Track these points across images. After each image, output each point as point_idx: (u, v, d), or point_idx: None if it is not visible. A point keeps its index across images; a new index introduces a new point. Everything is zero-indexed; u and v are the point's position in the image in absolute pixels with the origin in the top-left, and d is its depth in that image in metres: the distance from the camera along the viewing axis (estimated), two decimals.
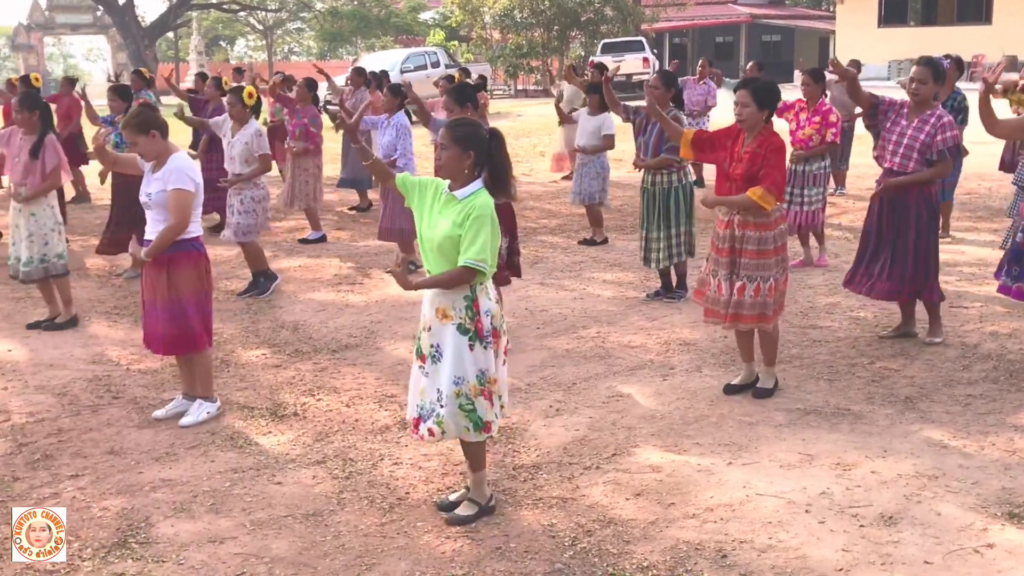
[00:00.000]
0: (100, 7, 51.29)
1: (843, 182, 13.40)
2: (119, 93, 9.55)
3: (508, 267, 6.96)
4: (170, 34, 55.24)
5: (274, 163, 15.04)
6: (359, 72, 13.47)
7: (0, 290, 9.20)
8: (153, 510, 4.67)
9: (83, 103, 11.28)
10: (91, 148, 9.14)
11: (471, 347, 4.27)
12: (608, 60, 32.48)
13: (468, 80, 14.18)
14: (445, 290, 4.26)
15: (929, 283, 6.62)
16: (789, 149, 6.93)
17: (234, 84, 16.51)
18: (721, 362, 6.56)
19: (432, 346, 4.32)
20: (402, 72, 29.35)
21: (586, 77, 13.65)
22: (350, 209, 13.47)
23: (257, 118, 8.85)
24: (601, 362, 6.68)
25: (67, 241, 8.17)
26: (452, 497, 4.62)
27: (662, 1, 41.64)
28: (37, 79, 12.33)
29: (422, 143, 15.08)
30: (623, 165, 15.25)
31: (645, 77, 29.88)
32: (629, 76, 30.97)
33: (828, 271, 8.98)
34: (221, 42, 66.73)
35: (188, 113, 10.89)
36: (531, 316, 7.93)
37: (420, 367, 4.40)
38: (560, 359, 6.79)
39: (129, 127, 5.54)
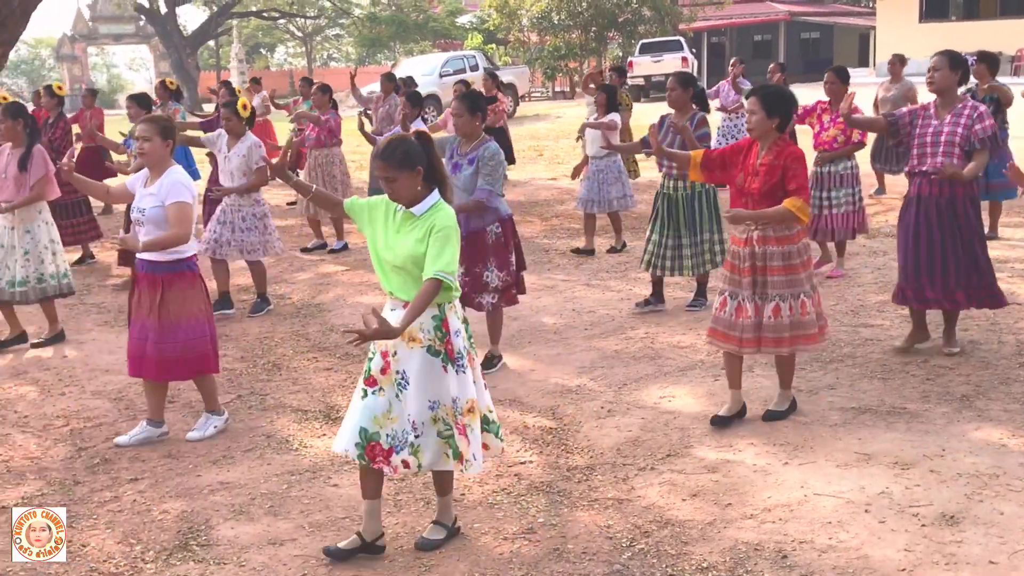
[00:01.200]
0: (143, 17, 51.99)
1: (883, 183, 12.73)
2: (138, 101, 9.49)
3: (515, 285, 6.72)
4: (211, 42, 55.82)
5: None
6: (389, 78, 13.40)
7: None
8: (212, 513, 4.72)
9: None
10: (116, 159, 9.21)
11: (444, 369, 4.01)
12: (646, 60, 32.55)
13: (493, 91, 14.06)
14: None
15: (995, 287, 6.36)
16: (812, 154, 6.67)
17: (252, 95, 16.70)
18: (773, 362, 6.50)
19: (398, 372, 4.04)
20: (441, 76, 29.46)
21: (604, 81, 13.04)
22: None
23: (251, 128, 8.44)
24: (651, 363, 6.66)
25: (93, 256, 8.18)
26: (340, 544, 4.21)
27: (700, 0, 41.43)
28: (60, 87, 12.20)
29: None
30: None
31: None
32: (667, 76, 30.79)
33: (878, 269, 8.88)
34: (261, 49, 67.32)
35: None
36: (578, 317, 7.93)
37: (372, 391, 4.08)
38: (609, 360, 6.78)
39: (152, 125, 5.44)
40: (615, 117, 10.01)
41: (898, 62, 12.33)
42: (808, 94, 9.35)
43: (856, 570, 3.91)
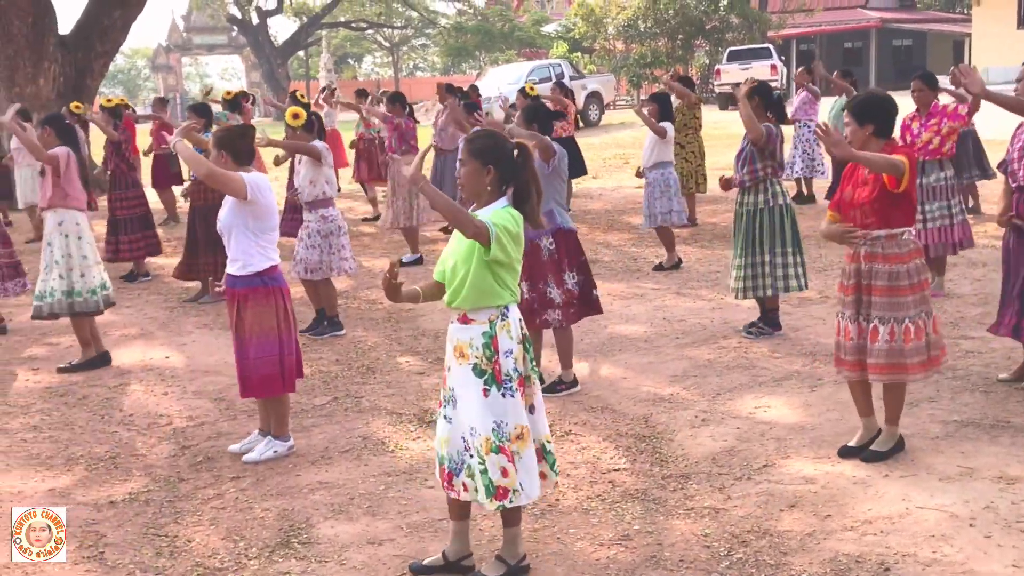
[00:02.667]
0: (235, 28, 53.25)
1: (976, 197, 11.56)
2: (197, 111, 9.69)
3: (585, 304, 6.41)
4: (301, 53, 56.88)
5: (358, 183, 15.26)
6: (448, 89, 13.41)
7: (155, 300, 9.64)
8: (312, 511, 4.82)
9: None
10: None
11: (486, 392, 3.83)
12: (734, 68, 32.24)
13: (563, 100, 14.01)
14: (464, 324, 3.90)
15: None
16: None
17: (324, 103, 16.97)
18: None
19: (450, 389, 3.95)
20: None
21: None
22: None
23: (320, 135, 8.16)
24: (745, 372, 6.60)
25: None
26: (425, 562, 4.18)
27: (789, 7, 40.87)
28: (78, 106, 12.37)
29: None
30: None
31: (774, 84, 29.40)
32: None
33: (976, 281, 8.68)
34: (349, 59, 68.34)
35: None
36: (669, 325, 7.90)
37: (440, 412, 4.05)
38: (702, 369, 6.74)
39: (214, 138, 5.49)
40: (668, 127, 9.94)
41: None
42: (899, 103, 9.09)
43: None
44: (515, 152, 3.97)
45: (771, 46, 34.43)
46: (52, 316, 7.29)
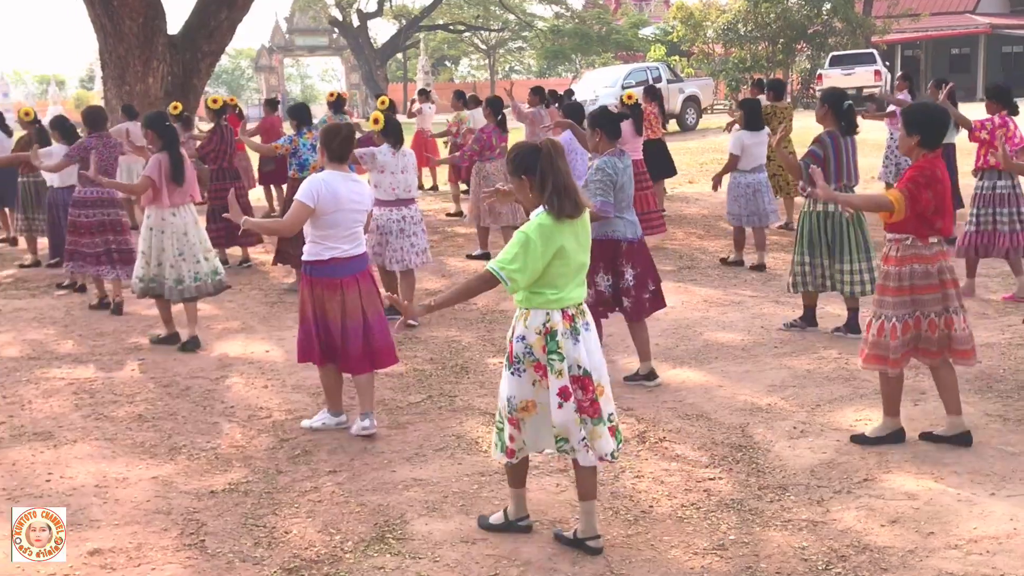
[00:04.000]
0: (336, 30, 54.13)
1: None
2: (293, 112, 9.71)
3: (651, 301, 6.67)
4: (399, 55, 57.58)
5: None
6: (536, 92, 13.37)
7: (255, 295, 9.84)
8: (407, 508, 4.86)
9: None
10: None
11: (505, 368, 4.32)
12: (836, 73, 31.65)
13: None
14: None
15: None
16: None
17: (420, 105, 17.17)
18: (977, 388, 6.23)
19: None
20: (623, 88, 29.43)
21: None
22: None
23: (396, 142, 8.24)
24: (845, 384, 6.46)
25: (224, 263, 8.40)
26: (491, 519, 4.64)
27: (894, 12, 39.95)
28: (176, 107, 12.53)
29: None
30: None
31: (876, 91, 28.79)
32: (859, 89, 29.91)
33: None
34: (446, 62, 68.96)
35: None
36: (767, 334, 7.78)
37: None
38: (801, 379, 6.62)
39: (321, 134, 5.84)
40: (737, 135, 9.98)
41: None
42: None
43: None
44: (538, 153, 4.14)
45: (875, 51, 33.70)
46: (156, 297, 7.86)
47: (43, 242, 11.70)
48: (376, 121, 8.22)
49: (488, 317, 8.72)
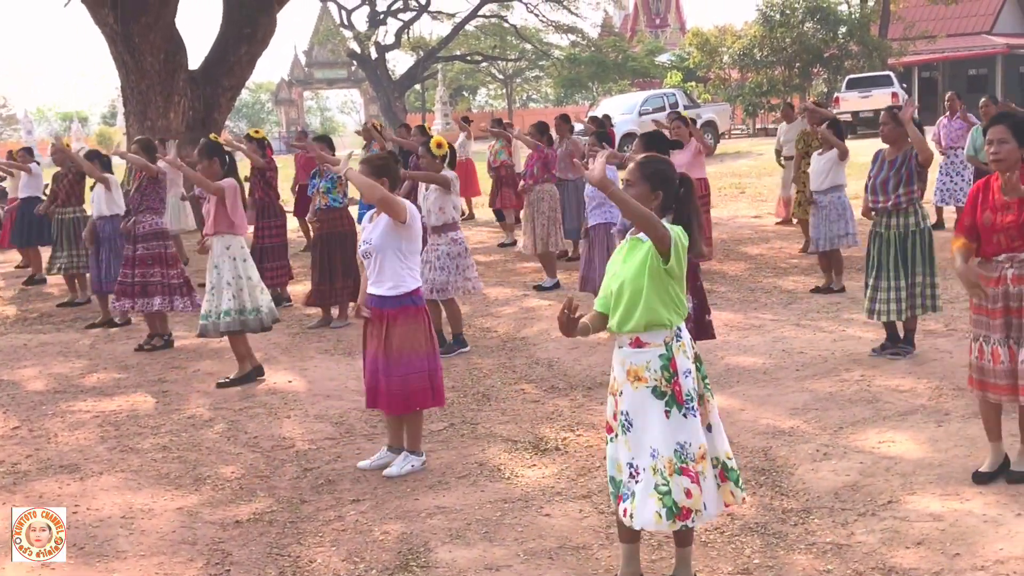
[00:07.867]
0: (354, 63, 54.57)
1: None
2: (321, 142, 9.80)
3: (698, 328, 6.61)
4: (417, 86, 57.94)
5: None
6: (564, 119, 13.42)
7: (278, 326, 9.85)
8: (430, 536, 4.87)
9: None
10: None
11: (667, 414, 3.84)
12: (854, 96, 31.65)
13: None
14: (637, 348, 3.90)
15: None
16: None
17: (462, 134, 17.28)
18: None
19: (622, 413, 3.96)
20: (640, 114, 29.53)
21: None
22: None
23: (451, 165, 8.44)
24: (868, 406, 6.44)
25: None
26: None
27: (910, 34, 39.92)
28: (215, 136, 12.72)
29: None
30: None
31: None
32: (877, 112, 29.85)
33: None
34: (464, 92, 69.29)
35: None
36: (788, 357, 7.76)
37: (610, 437, 4.07)
38: (823, 402, 6.60)
39: (367, 164, 5.72)
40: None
41: None
42: None
43: None
44: (679, 182, 4.02)
45: (892, 73, 33.68)
46: (219, 335, 7.79)
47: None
48: (439, 146, 8.29)
49: (509, 344, 8.74)
